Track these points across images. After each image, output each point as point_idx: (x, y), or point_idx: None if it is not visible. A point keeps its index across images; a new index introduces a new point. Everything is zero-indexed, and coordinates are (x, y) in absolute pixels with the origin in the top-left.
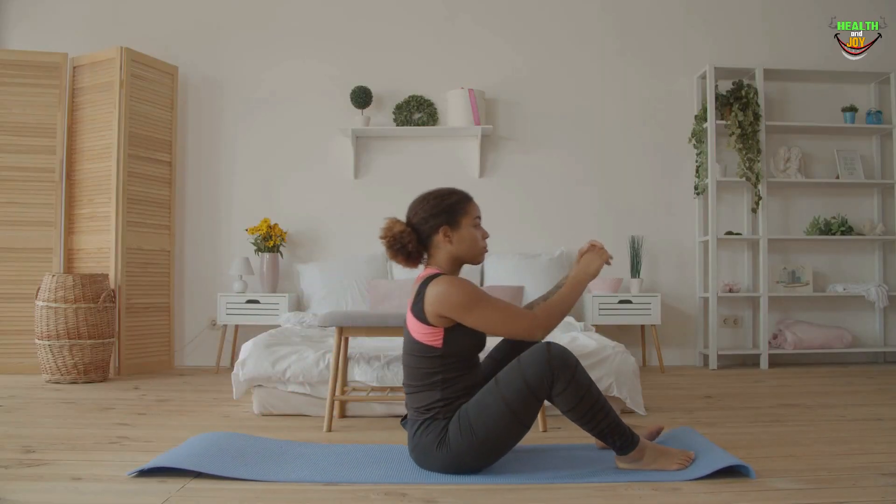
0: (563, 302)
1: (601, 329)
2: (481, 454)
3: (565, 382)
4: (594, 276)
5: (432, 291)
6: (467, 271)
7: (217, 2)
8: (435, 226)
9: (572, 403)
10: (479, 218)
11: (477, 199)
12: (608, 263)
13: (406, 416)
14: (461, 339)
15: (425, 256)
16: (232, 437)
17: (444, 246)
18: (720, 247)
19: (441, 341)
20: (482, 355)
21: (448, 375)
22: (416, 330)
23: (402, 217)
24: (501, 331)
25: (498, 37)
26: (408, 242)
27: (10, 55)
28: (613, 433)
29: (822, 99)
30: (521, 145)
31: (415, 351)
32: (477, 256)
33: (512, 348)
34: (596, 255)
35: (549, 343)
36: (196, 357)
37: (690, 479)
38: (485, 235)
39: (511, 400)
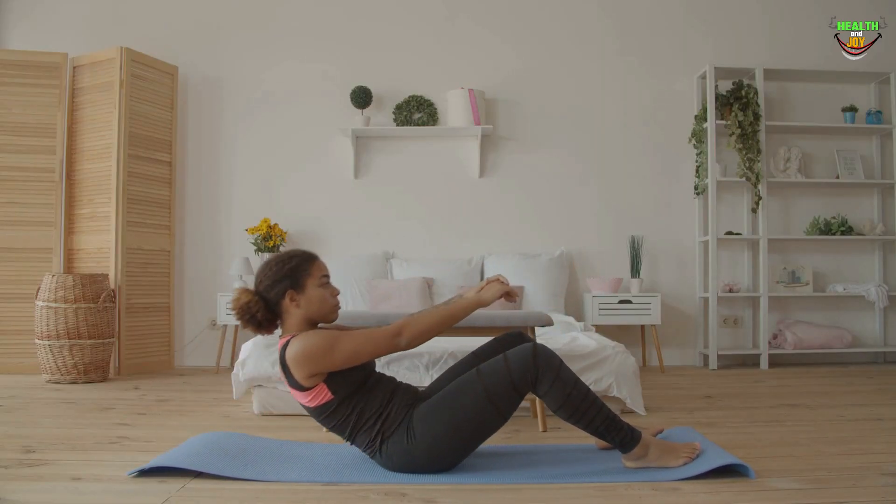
0: (437, 317)
1: (601, 329)
2: (458, 441)
3: (551, 379)
4: (485, 304)
5: (290, 356)
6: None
7: (217, 2)
8: (280, 292)
9: (561, 400)
10: (327, 276)
11: (477, 199)
12: (509, 300)
13: None
14: (345, 378)
15: (279, 322)
16: (232, 437)
17: (293, 310)
18: (720, 247)
19: (329, 393)
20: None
21: (360, 406)
22: (304, 399)
23: None
24: (369, 356)
25: (498, 37)
26: (256, 311)
27: (10, 55)
28: (610, 430)
29: (822, 99)
30: (521, 145)
31: (318, 415)
32: (328, 315)
33: (497, 349)
34: (496, 285)
35: (535, 343)
36: (196, 357)
37: (689, 477)
38: (334, 293)
39: (492, 390)
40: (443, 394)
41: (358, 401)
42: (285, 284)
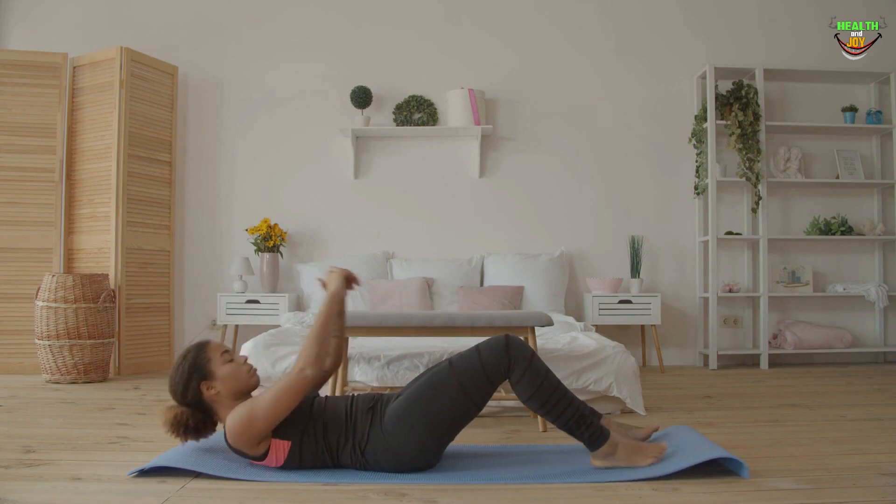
0: (314, 332)
1: (601, 329)
2: (435, 432)
3: (522, 369)
4: (337, 294)
5: (230, 439)
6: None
7: (217, 2)
8: (195, 389)
9: (532, 390)
10: (227, 352)
11: (477, 199)
12: (350, 285)
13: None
14: (288, 421)
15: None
16: None
17: (215, 398)
18: (720, 247)
19: (285, 442)
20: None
21: (321, 432)
22: (272, 464)
23: None
24: (289, 403)
25: (498, 37)
26: (187, 419)
27: (10, 55)
28: (580, 425)
29: (822, 99)
30: (521, 145)
31: (294, 465)
32: (248, 382)
33: None
34: (333, 274)
35: (507, 335)
36: None
37: (689, 477)
38: (242, 361)
39: (465, 381)
40: (417, 388)
41: (316, 431)
42: (195, 380)
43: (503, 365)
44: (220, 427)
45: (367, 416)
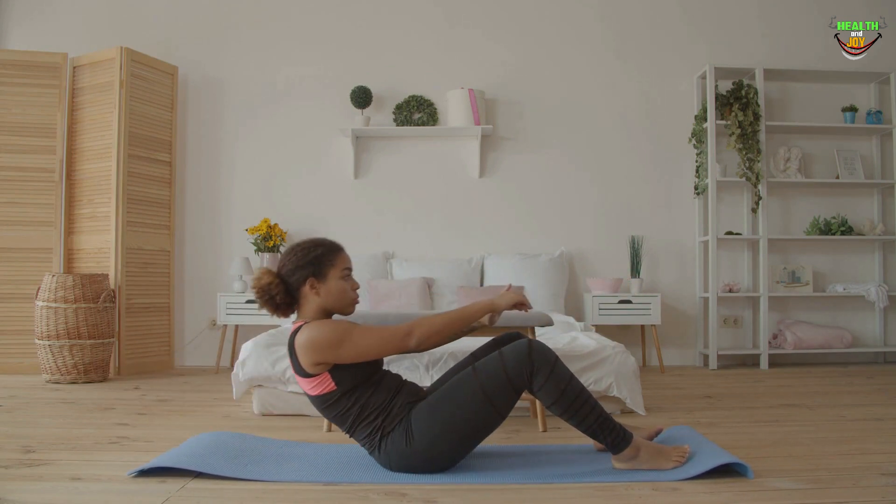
0: (448, 318)
1: (601, 329)
2: (455, 440)
3: (546, 375)
4: (497, 310)
5: (299, 342)
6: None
7: (218, 2)
8: (302, 278)
9: (555, 396)
10: (349, 269)
11: (477, 199)
12: (521, 309)
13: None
14: (350, 371)
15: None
16: (232, 437)
17: (311, 297)
18: (720, 247)
19: (332, 384)
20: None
21: (363, 400)
22: (307, 386)
23: None
24: (377, 353)
25: (498, 38)
26: (276, 294)
27: (10, 55)
28: (603, 429)
29: (822, 99)
30: (522, 145)
31: (320, 405)
32: (346, 308)
33: (495, 350)
34: (513, 295)
35: (530, 339)
36: (196, 357)
37: (688, 478)
38: (354, 287)
39: (489, 388)
40: (439, 393)
41: (361, 394)
42: (308, 271)
43: (526, 371)
44: (292, 318)
45: (405, 409)
